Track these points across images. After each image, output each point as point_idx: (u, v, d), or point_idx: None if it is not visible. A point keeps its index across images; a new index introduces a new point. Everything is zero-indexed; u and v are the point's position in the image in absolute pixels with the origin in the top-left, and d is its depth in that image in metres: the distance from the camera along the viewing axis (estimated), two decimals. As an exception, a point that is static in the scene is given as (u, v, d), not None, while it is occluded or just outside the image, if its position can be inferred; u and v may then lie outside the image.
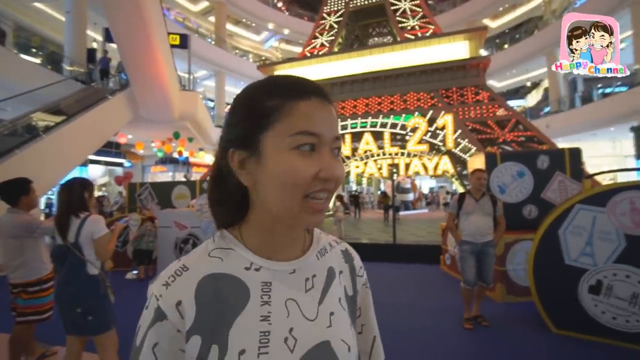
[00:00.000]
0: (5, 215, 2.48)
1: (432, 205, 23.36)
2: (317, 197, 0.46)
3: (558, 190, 4.40)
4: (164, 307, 0.46)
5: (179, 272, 0.48)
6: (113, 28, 8.65)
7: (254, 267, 0.50)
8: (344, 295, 0.57)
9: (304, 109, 0.47)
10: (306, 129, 0.46)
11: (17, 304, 2.51)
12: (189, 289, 0.47)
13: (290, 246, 0.53)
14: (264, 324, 0.46)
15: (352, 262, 0.62)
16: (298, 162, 0.45)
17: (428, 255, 6.32)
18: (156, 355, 0.46)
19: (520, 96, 27.63)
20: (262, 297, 0.48)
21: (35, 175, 2.75)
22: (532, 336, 3.18)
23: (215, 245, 0.52)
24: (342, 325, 0.53)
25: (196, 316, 0.46)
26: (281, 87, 0.48)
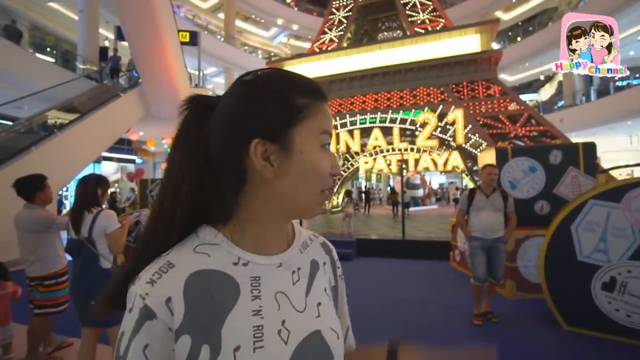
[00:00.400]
0: (22, 211, 2.56)
1: (441, 201, 23.15)
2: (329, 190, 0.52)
3: (571, 185, 4.31)
4: (152, 305, 0.43)
5: (164, 269, 0.45)
6: (124, 26, 8.77)
7: (241, 262, 0.49)
8: (329, 285, 0.59)
9: (325, 110, 0.52)
10: (328, 129, 0.52)
11: (34, 296, 2.60)
12: (177, 286, 0.44)
13: (278, 240, 0.54)
14: (257, 319, 0.46)
15: (331, 254, 0.64)
16: (326, 158, 0.51)
17: (438, 252, 6.28)
18: (147, 357, 0.42)
19: (533, 90, 27.03)
20: (252, 291, 0.48)
21: (50, 172, 2.83)
22: (543, 333, 3.14)
23: (200, 240, 0.50)
24: (329, 315, 0.54)
25: (185, 314, 0.43)
26: (307, 86, 0.52)
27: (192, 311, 0.44)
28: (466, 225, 3.50)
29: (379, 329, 3.32)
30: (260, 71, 0.52)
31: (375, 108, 15.43)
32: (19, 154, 6.66)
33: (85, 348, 2.21)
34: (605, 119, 14.75)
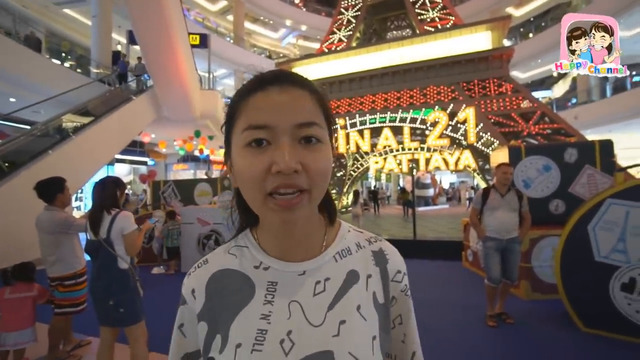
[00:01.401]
0: (43, 213, 2.63)
1: (452, 201, 22.89)
2: (282, 194, 0.43)
3: (587, 184, 4.22)
4: (184, 293, 0.53)
5: (200, 264, 0.54)
6: (136, 30, 8.93)
7: (262, 266, 0.51)
8: (372, 303, 0.51)
9: (254, 101, 0.45)
10: (253, 123, 0.44)
11: (54, 296, 2.67)
12: (203, 279, 0.52)
13: (301, 245, 0.51)
14: (263, 322, 0.47)
15: (384, 265, 0.54)
16: (249, 158, 0.44)
17: (449, 252, 6.22)
18: (184, 333, 0.53)
19: (546, 87, 26.49)
20: (266, 296, 0.48)
21: (66, 175, 2.90)
22: (560, 335, 3.08)
23: (235, 242, 0.55)
24: (354, 337, 0.47)
25: (204, 304, 0.50)
26: (247, 83, 0.48)
27: (210, 303, 0.50)
28: (480, 225, 3.44)
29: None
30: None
31: (385, 107, 15.36)
32: (37, 157, 6.84)
33: (103, 347, 2.26)
34: (622, 115, 14.36)
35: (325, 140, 0.47)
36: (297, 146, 0.44)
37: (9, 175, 6.10)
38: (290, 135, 0.44)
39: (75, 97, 9.52)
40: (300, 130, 0.44)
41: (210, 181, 7.35)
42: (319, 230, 0.53)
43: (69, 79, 10.29)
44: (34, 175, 3.31)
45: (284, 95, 0.45)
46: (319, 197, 0.47)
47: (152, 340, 2.36)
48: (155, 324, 2.45)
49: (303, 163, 0.43)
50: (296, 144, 0.44)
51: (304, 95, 0.46)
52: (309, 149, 0.44)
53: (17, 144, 7.17)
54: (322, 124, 0.47)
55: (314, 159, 0.44)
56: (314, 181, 0.44)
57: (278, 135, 0.43)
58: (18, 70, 8.80)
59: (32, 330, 2.51)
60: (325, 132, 0.48)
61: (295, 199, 0.43)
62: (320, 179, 0.45)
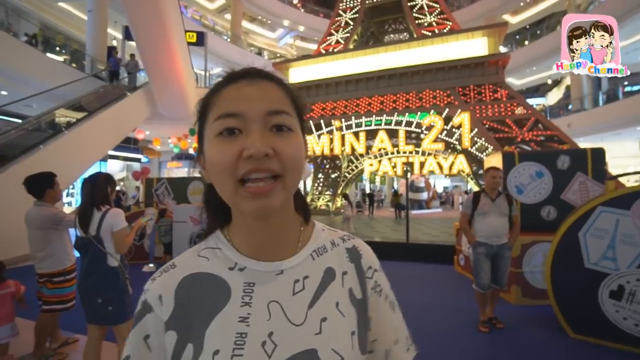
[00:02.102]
0: (32, 208, 2.59)
1: (446, 205, 23.03)
2: (254, 180, 0.43)
3: (579, 191, 4.27)
4: (150, 300, 0.48)
5: (167, 269, 0.50)
6: (132, 26, 8.86)
7: (238, 267, 0.49)
8: (349, 299, 0.51)
9: (227, 93, 0.47)
10: (224, 111, 0.45)
11: (42, 293, 2.62)
12: (171, 285, 0.48)
13: (277, 244, 0.50)
14: (242, 326, 0.44)
15: (358, 262, 0.55)
16: (221, 146, 0.44)
17: (441, 255, 6.24)
18: (149, 346, 0.47)
19: (541, 94, 26.84)
20: (243, 297, 0.46)
21: (58, 170, 2.86)
22: (549, 340, 3.11)
23: (206, 244, 0.53)
24: (336, 333, 0.47)
25: (173, 312, 0.46)
26: (219, 80, 0.50)
27: (180, 309, 0.47)
28: (470, 230, 3.41)
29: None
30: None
31: (381, 110, 15.41)
32: (28, 151, 6.74)
33: (91, 345, 2.23)
34: (614, 125, 14.60)
35: (297, 130, 0.48)
36: (268, 133, 0.45)
37: (-2, 169, 6.00)
38: (261, 123, 0.45)
39: (69, 92, 9.40)
40: (271, 117, 0.45)
41: (204, 179, 7.30)
42: (295, 228, 0.53)
43: (62, 74, 10.17)
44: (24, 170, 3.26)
45: (253, 86, 0.46)
46: (293, 185, 0.47)
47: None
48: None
49: (275, 148, 0.44)
50: (267, 132, 0.45)
51: (273, 87, 0.48)
52: (280, 136, 0.45)
53: (7, 138, 7.06)
54: (292, 114, 0.48)
55: (286, 145, 0.45)
56: (287, 166, 0.44)
57: (249, 122, 0.44)
58: (11, 63, 8.66)
59: (12, 325, 2.47)
60: (296, 122, 0.49)
61: (269, 185, 0.43)
62: (293, 165, 0.45)
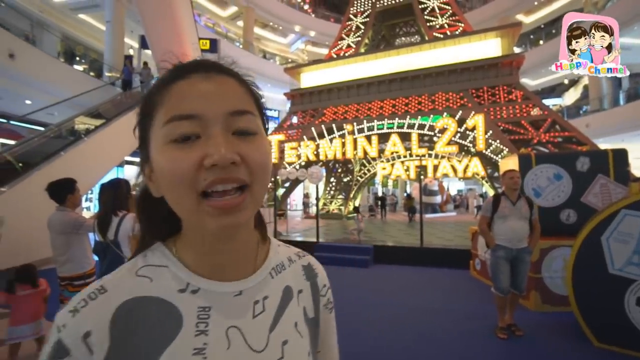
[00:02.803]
0: (54, 214, 2.67)
1: (460, 208, 22.67)
2: (219, 192, 0.37)
3: (600, 194, 4.14)
4: (66, 341, 0.36)
5: (94, 295, 0.39)
6: (148, 35, 9.11)
7: (190, 289, 0.41)
8: (303, 318, 0.48)
9: (177, 90, 0.39)
10: (177, 113, 0.38)
11: (64, 295, 2.70)
12: (103, 316, 0.38)
13: (235, 262, 0.44)
14: (197, 359, 0.38)
15: (314, 280, 0.53)
16: (174, 154, 0.37)
17: (457, 260, 6.14)
18: None
19: (557, 94, 26.22)
20: (198, 325, 0.40)
21: (77, 176, 2.94)
22: (571, 349, 3.00)
23: (145, 261, 0.43)
24: (297, 356, 0.44)
25: (110, 350, 0.37)
26: (165, 74, 0.42)
27: (120, 347, 0.37)
28: (490, 233, 3.33)
29: (396, 337, 3.26)
30: None
31: (393, 113, 15.33)
32: (49, 158, 6.97)
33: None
34: (635, 124, 14.13)
35: (261, 132, 0.42)
36: (231, 137, 0.39)
37: (22, 176, 6.22)
38: (223, 125, 0.38)
39: (88, 100, 9.71)
40: (233, 120, 0.39)
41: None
42: (253, 245, 0.47)
43: (82, 82, 10.52)
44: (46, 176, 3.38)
45: (210, 82, 0.39)
46: (261, 195, 0.41)
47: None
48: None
49: (241, 154, 0.38)
50: (230, 135, 0.39)
51: (233, 83, 0.41)
52: (246, 140, 0.39)
53: (30, 145, 7.32)
54: (256, 113, 0.42)
55: (253, 150, 0.39)
56: (255, 174, 0.39)
57: (208, 125, 0.38)
58: (36, 73, 9.02)
59: (37, 323, 2.68)
60: (260, 123, 0.43)
61: (237, 198, 0.38)
62: (262, 172, 0.40)
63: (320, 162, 14.49)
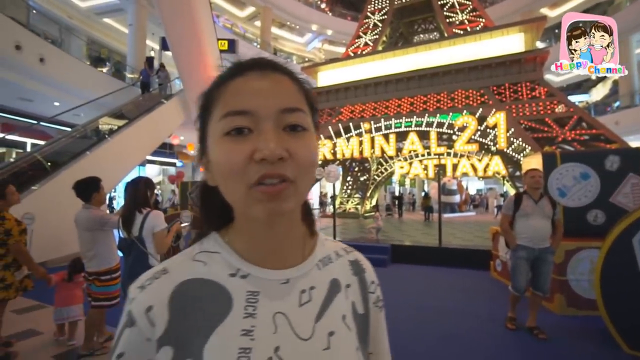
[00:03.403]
0: (81, 211, 2.78)
1: (479, 208, 22.14)
2: (266, 184, 0.39)
3: (631, 194, 3.95)
4: (134, 312, 0.41)
5: (158, 275, 0.44)
6: (169, 37, 9.32)
7: (240, 274, 0.44)
8: (352, 313, 0.49)
9: (234, 87, 0.42)
10: (233, 108, 0.40)
11: (91, 290, 2.82)
12: (164, 294, 0.42)
13: (283, 252, 0.46)
14: (245, 340, 0.40)
15: (362, 275, 0.53)
16: (228, 146, 0.40)
17: (477, 260, 6.00)
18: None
19: (583, 91, 25.19)
20: (247, 308, 0.42)
21: (102, 174, 3.06)
22: (599, 355, 2.88)
23: (202, 248, 0.47)
24: (344, 349, 0.44)
25: (168, 324, 0.40)
26: (224, 71, 0.45)
27: (176, 321, 0.41)
28: (511, 232, 3.29)
29: (417, 338, 3.22)
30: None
31: (411, 112, 15.12)
32: (76, 157, 7.26)
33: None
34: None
35: (311, 129, 0.44)
36: (281, 133, 0.40)
37: (51, 175, 6.51)
38: (274, 122, 0.40)
39: (112, 101, 10.05)
40: (285, 116, 0.41)
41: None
42: (300, 236, 0.49)
43: (106, 84, 10.89)
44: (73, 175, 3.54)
45: (265, 80, 0.42)
46: (305, 191, 0.43)
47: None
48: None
49: (289, 150, 0.40)
50: (280, 131, 0.40)
51: (286, 81, 0.44)
52: (295, 137, 0.41)
53: (58, 145, 7.64)
54: (306, 110, 0.44)
55: (301, 147, 0.41)
56: (301, 171, 0.41)
57: (260, 121, 0.40)
58: (64, 76, 9.40)
59: (81, 306, 3.10)
60: (310, 120, 0.45)
61: (282, 185, 0.39)
62: (307, 170, 0.42)
63: (337, 161, 14.46)
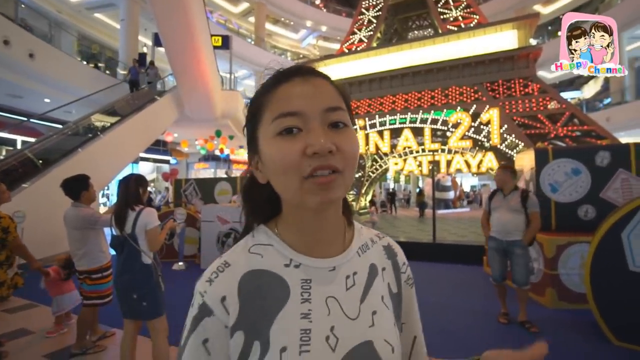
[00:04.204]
0: (70, 209, 2.75)
1: (473, 204, 22.33)
2: (318, 175, 0.44)
3: (621, 189, 4.01)
4: (209, 303, 0.46)
5: (221, 268, 0.49)
6: (162, 33, 9.19)
7: (293, 264, 0.49)
8: (388, 293, 0.55)
9: (281, 92, 0.47)
10: (283, 111, 0.46)
11: (83, 288, 2.79)
12: (232, 284, 0.47)
13: (328, 242, 0.52)
14: (305, 322, 0.45)
15: (395, 258, 0.60)
16: (282, 144, 0.45)
17: (470, 256, 6.06)
18: (209, 350, 0.45)
19: (575, 87, 25.39)
20: (302, 294, 0.47)
21: (94, 172, 3.03)
22: (589, 347, 2.93)
23: (254, 241, 0.52)
24: (385, 325, 0.51)
25: (240, 312, 0.46)
26: (265, 83, 0.50)
27: (245, 308, 0.46)
28: (487, 226, 3.57)
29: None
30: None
31: (406, 108, 15.16)
32: (67, 155, 7.16)
33: (126, 338, 2.34)
34: (659, 118, 13.59)
35: (350, 125, 0.50)
36: (327, 130, 0.46)
37: (42, 172, 6.42)
38: (320, 120, 0.46)
39: (104, 98, 9.92)
40: (328, 115, 0.46)
41: (230, 180, 7.47)
42: (342, 227, 0.55)
43: (98, 80, 10.73)
44: (65, 172, 3.49)
45: (308, 84, 0.47)
46: (351, 180, 0.48)
47: (173, 335, 2.41)
48: (175, 318, 2.50)
49: (336, 144, 0.45)
50: (326, 128, 0.46)
51: (326, 84, 0.49)
52: (339, 132, 0.46)
53: (49, 142, 7.53)
54: (345, 109, 0.49)
55: (345, 141, 0.46)
56: (347, 162, 0.46)
57: (309, 120, 0.45)
58: (55, 72, 9.24)
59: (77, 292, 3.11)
60: (349, 118, 0.50)
61: (332, 176, 0.44)
62: (353, 161, 0.47)
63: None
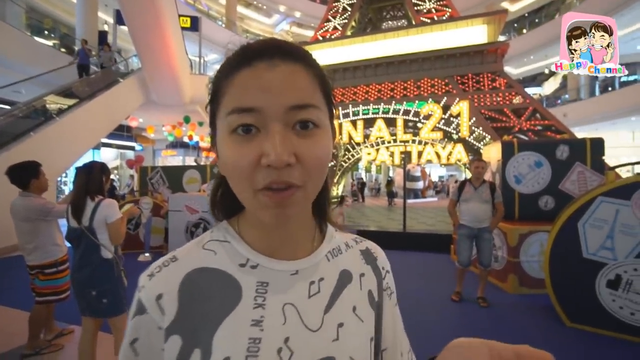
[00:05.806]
0: (18, 199, 2.49)
1: (441, 194, 23.18)
2: (273, 189, 0.37)
3: (577, 181, 4.26)
4: (144, 300, 0.41)
5: (167, 262, 0.43)
6: (124, 9, 8.57)
7: (250, 264, 0.44)
8: (368, 302, 0.49)
9: (240, 79, 0.38)
10: (238, 105, 0.37)
11: (35, 284, 2.57)
12: (173, 282, 0.41)
13: (294, 243, 0.46)
14: (255, 330, 0.40)
15: (374, 263, 0.53)
16: (234, 148, 0.38)
17: (439, 244, 6.28)
18: (136, 351, 0.41)
19: (537, 84, 26.75)
20: (256, 298, 0.42)
21: (49, 158, 2.78)
22: (545, 328, 3.13)
23: (212, 236, 0.46)
24: (353, 340, 0.44)
25: (177, 313, 0.40)
26: (230, 59, 0.40)
27: (185, 310, 0.41)
28: (455, 214, 3.82)
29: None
30: None
31: (379, 99, 15.28)
32: (18, 139, 6.58)
33: (86, 336, 2.18)
34: (609, 115, 14.65)
35: (324, 125, 0.40)
36: (290, 133, 0.38)
37: (-13, 157, 5.86)
38: (282, 120, 0.37)
39: (60, 78, 9.16)
40: (294, 113, 0.38)
41: (200, 168, 7.19)
42: (310, 228, 0.49)
43: (52, 59, 9.88)
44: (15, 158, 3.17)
45: (274, 72, 0.38)
46: (315, 192, 0.41)
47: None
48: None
49: (297, 153, 0.37)
50: (289, 131, 0.38)
51: (298, 71, 0.39)
52: (305, 136, 0.38)
53: (-4, 124, 6.88)
54: (320, 105, 0.40)
55: (310, 148, 0.38)
56: (310, 175, 0.38)
57: (267, 120, 0.37)
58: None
59: None
60: (325, 115, 0.41)
61: (288, 191, 0.37)
62: (317, 172, 0.39)
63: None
